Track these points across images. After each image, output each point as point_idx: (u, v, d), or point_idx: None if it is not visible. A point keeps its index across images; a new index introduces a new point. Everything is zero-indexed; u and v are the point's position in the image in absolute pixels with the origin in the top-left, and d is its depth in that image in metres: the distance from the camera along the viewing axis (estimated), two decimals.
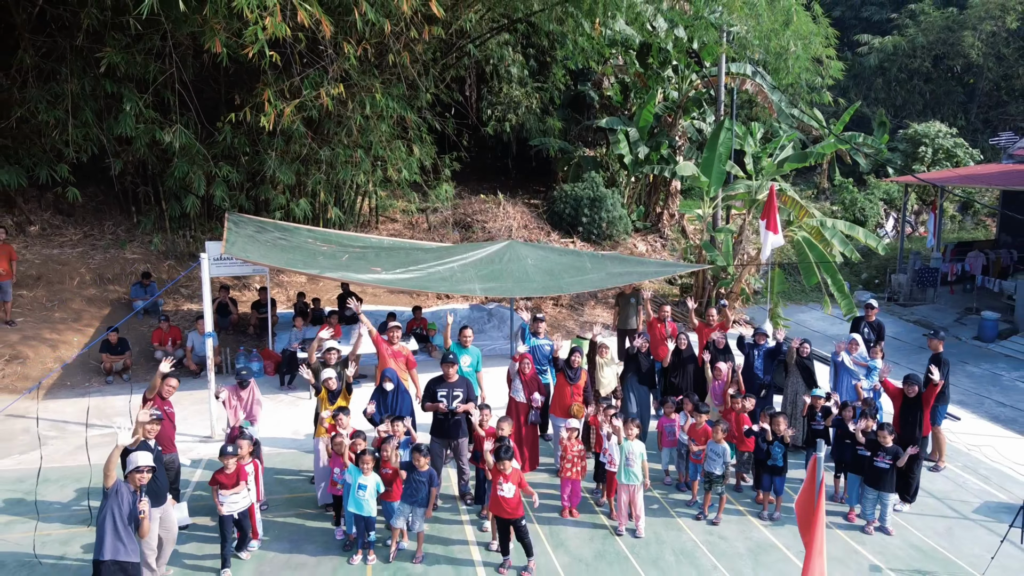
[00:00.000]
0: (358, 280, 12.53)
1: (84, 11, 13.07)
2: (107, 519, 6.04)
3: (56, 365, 13.63)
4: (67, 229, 17.50)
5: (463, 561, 7.83)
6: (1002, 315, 20.29)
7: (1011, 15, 30.24)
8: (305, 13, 10.21)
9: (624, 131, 23.73)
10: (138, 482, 6.27)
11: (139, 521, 6.14)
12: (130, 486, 6.24)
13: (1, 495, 9.13)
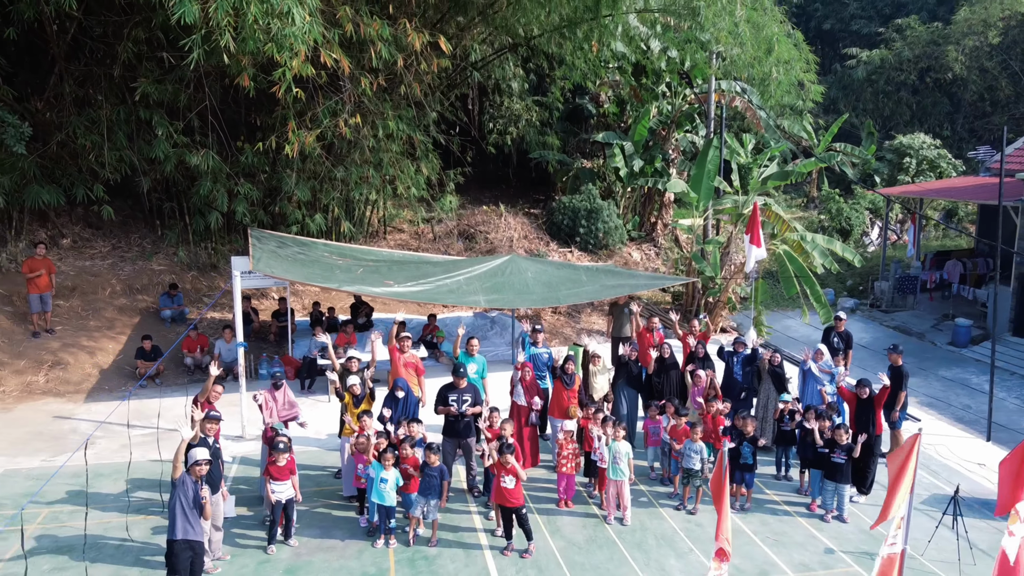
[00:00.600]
0: (373, 293, 13.70)
1: (122, 45, 14.20)
2: (176, 505, 7.20)
3: (94, 371, 14.82)
4: (96, 242, 18.65)
5: (472, 545, 9.00)
6: (975, 322, 21.48)
7: (992, 31, 31.41)
8: (328, 56, 11.36)
9: (620, 145, 24.88)
10: (198, 473, 7.42)
11: (202, 506, 7.30)
12: (192, 477, 7.39)
13: (63, 488, 10.29)
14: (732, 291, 19.55)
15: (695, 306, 19.34)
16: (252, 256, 13.47)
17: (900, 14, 36.93)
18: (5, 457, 11.36)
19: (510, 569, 8.49)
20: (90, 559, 8.50)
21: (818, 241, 18.08)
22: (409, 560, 8.65)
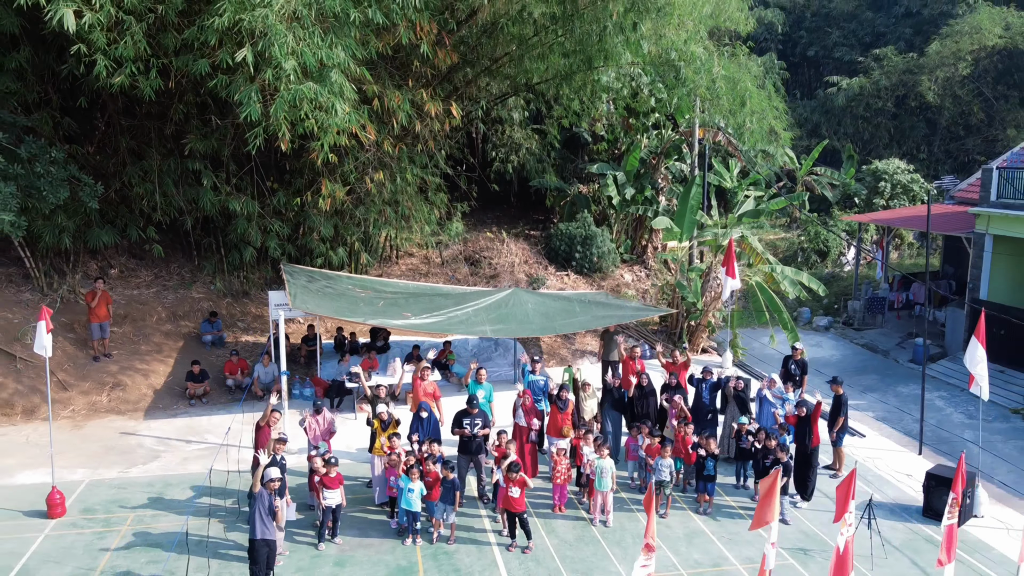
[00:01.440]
0: (393, 325, 15.76)
1: (174, 107, 16.25)
2: (256, 512, 9.24)
3: (149, 391, 16.89)
4: (141, 272, 20.71)
5: (483, 543, 11.06)
6: (935, 341, 23.53)
7: (963, 63, 33.46)
8: (359, 129, 13.38)
9: (613, 175, 26.97)
10: (272, 488, 9.47)
11: (275, 513, 9.36)
12: (267, 491, 9.44)
13: (143, 495, 12.35)
14: (712, 315, 21.59)
15: (679, 328, 21.42)
16: (289, 292, 15.55)
17: (879, 43, 38.98)
18: (87, 469, 13.42)
19: (514, 562, 10.56)
20: (176, 553, 10.57)
21: (787, 273, 20.14)
22: (432, 555, 10.71)
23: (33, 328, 17.06)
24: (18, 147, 13.71)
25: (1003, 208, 20.64)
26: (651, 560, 7.03)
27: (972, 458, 16.01)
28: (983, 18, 33.30)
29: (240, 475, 12.49)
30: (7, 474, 13.07)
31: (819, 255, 30.49)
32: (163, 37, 11.97)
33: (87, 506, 12.01)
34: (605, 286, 25.71)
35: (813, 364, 22.74)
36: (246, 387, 17.02)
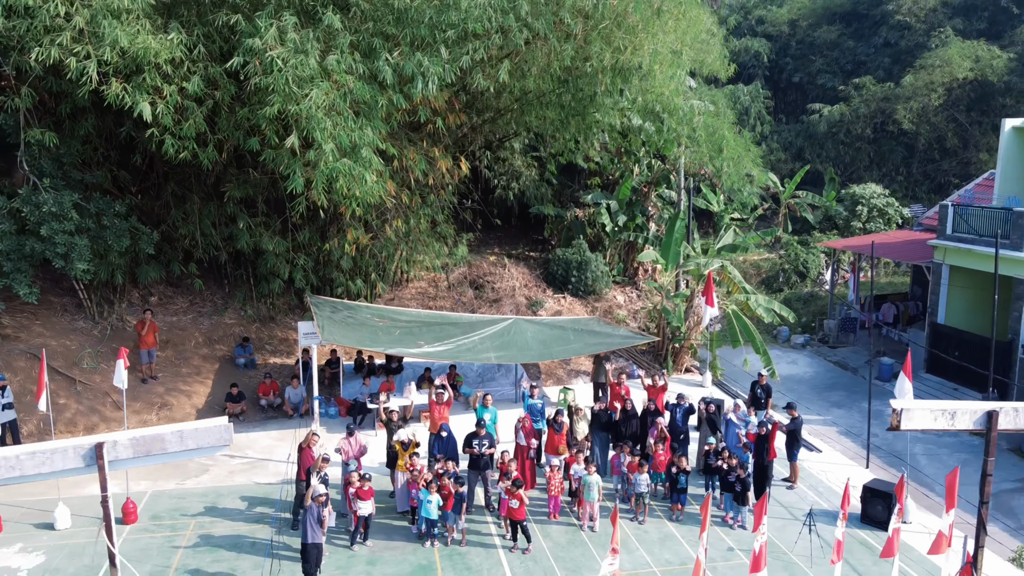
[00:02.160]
0: (409, 353, 17.88)
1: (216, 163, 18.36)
2: (308, 521, 11.35)
3: (192, 410, 19.02)
4: (177, 299, 22.83)
5: (490, 545, 13.18)
6: (899, 359, 25.63)
7: (935, 94, 35.59)
8: (384, 191, 15.49)
9: (606, 204, 29.12)
10: (319, 501, 11.59)
11: (322, 521, 11.48)
12: (316, 504, 11.56)
13: (199, 504, 14.48)
14: (694, 338, 23.70)
15: (665, 350, 23.55)
16: (318, 324, 17.67)
17: (860, 71, 41.10)
18: (148, 481, 15.54)
19: (515, 562, 12.68)
20: (236, 553, 12.69)
21: (760, 301, 22.27)
22: (448, 555, 12.84)
23: (88, 353, 19.30)
24: (88, 203, 15.82)
25: (957, 242, 22.79)
26: (616, 560, 9.11)
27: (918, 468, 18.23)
28: (953, 52, 35.43)
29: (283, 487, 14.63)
30: (80, 487, 15.17)
31: (799, 276, 32.63)
32: (219, 118, 14.04)
33: (154, 513, 14.15)
34: (599, 307, 27.84)
35: (789, 381, 25.01)
36: (277, 405, 19.19)
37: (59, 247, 14.90)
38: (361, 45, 13.58)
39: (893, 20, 40.04)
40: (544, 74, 15.31)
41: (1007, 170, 23.53)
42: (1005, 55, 35.91)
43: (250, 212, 19.62)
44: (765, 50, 42.32)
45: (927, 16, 39.27)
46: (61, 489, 14.33)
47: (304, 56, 12.88)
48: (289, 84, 12.67)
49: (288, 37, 12.75)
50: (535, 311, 25.67)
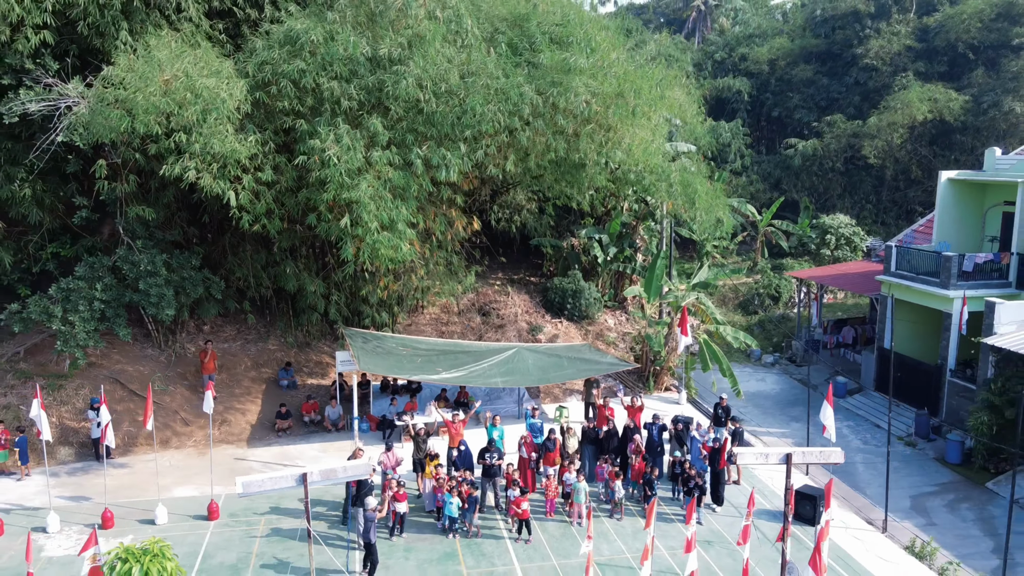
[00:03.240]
0: (429, 380, 21.36)
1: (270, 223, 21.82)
2: (368, 525, 14.83)
3: (247, 426, 22.51)
4: (226, 328, 26.31)
5: (499, 537, 16.65)
6: (852, 377, 29.15)
7: (896, 133, 39.07)
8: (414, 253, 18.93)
9: (599, 238, 32.64)
10: (372, 509, 15.04)
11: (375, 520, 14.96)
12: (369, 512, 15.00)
13: (266, 504, 17.93)
14: (672, 360, 27.16)
15: (648, 371, 27.03)
16: (354, 355, 21.15)
17: (833, 107, 44.53)
18: (220, 486, 18.98)
19: (519, 549, 16.13)
20: (302, 542, 16.14)
21: (728, 330, 25.74)
22: (467, 545, 16.32)
23: (159, 377, 22.80)
24: (171, 259, 19.31)
25: (900, 278, 26.25)
26: (590, 545, 12.51)
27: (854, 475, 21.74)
28: (913, 96, 38.86)
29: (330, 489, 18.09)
30: (167, 490, 18.65)
31: (772, 299, 36.10)
32: (283, 198, 17.47)
33: (231, 512, 17.63)
34: (592, 330, 31.33)
35: (757, 396, 28.54)
36: (317, 421, 22.70)
37: (152, 298, 18.41)
38: (396, 140, 17.07)
39: (862, 62, 43.51)
40: (542, 159, 18.79)
41: (943, 216, 27.01)
42: (961, 98, 39.37)
43: (293, 257, 23.08)
44: (746, 88, 45.79)
45: (892, 59, 42.73)
46: (160, 492, 17.83)
47: (353, 152, 16.38)
48: (342, 175, 16.16)
49: (340, 138, 16.25)
50: (535, 335, 29.15)
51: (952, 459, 22.56)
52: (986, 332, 22.46)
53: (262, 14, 20.24)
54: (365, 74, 16.79)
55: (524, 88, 17.39)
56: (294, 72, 16.44)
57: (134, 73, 14.45)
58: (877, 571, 15.55)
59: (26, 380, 21.49)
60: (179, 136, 14.85)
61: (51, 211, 19.48)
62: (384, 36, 17.05)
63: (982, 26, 40.40)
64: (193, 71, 14.76)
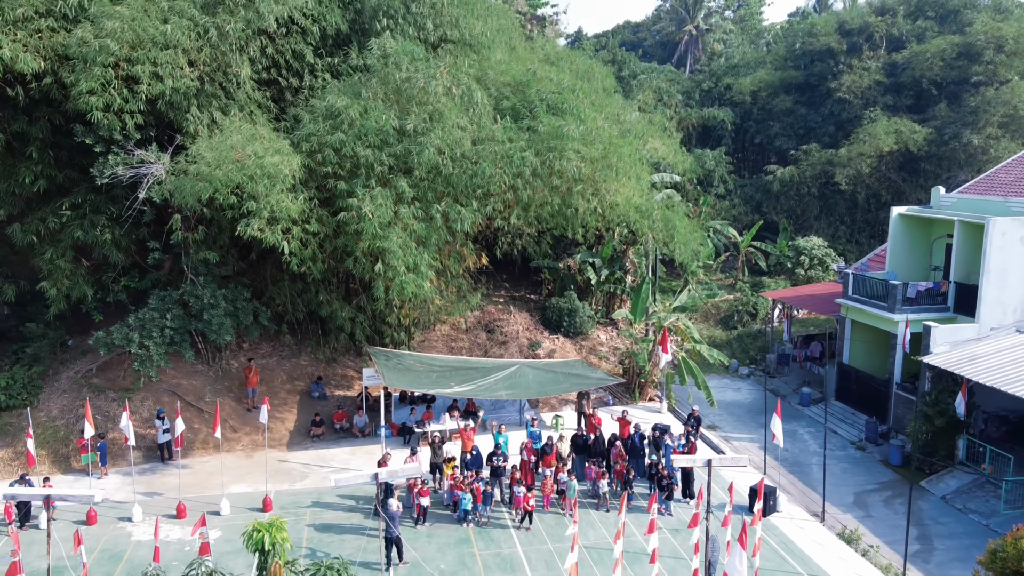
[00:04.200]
0: (443, 393, 24.78)
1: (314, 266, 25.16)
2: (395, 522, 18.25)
3: (286, 432, 25.94)
4: (263, 346, 29.71)
5: (504, 526, 20.06)
6: (817, 388, 32.57)
7: (864, 163, 42.54)
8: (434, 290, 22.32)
9: (592, 262, 36.08)
10: (399, 509, 18.44)
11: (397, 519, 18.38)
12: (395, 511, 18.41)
13: (309, 499, 21.33)
14: (655, 375, 30.59)
15: (634, 384, 30.46)
16: (379, 372, 24.58)
17: (810, 135, 47.98)
18: (271, 484, 22.42)
19: (521, 535, 19.54)
20: (342, 529, 19.56)
21: (705, 348, 29.18)
22: (478, 532, 19.74)
23: (209, 390, 26.23)
24: (228, 292, 22.77)
25: (855, 302, 29.65)
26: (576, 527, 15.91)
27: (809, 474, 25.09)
28: (880, 129, 42.26)
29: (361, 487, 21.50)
30: (226, 487, 22.06)
31: (750, 315, 39.53)
32: (325, 244, 20.88)
33: (281, 505, 21.05)
34: (585, 345, 34.74)
35: (732, 405, 31.93)
36: (346, 428, 26.12)
37: (214, 326, 21.85)
38: (419, 197, 20.53)
39: (836, 95, 46.94)
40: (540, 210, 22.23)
41: (895, 247, 30.43)
42: (924, 130, 42.77)
43: (325, 287, 26.50)
44: (729, 118, 49.21)
45: (863, 93, 46.14)
46: (221, 488, 21.27)
47: (384, 208, 19.82)
48: (375, 228, 19.60)
49: (374, 197, 19.69)
50: (535, 350, 32.58)
51: (894, 461, 25.96)
52: (924, 351, 25.85)
53: (302, 82, 23.70)
54: (394, 143, 20.26)
55: (525, 152, 20.84)
56: (336, 142, 19.91)
57: (213, 152, 17.87)
58: (811, 553, 18.99)
59: (99, 393, 24.98)
60: (250, 204, 18.27)
61: (126, 251, 22.91)
62: (409, 110, 20.51)
63: (944, 64, 43.84)
64: (260, 150, 18.18)
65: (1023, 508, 22.08)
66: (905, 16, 48.49)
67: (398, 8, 23.87)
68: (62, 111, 20.82)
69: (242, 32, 19.96)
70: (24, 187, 21.53)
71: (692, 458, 18.15)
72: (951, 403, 24.10)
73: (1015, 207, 26.60)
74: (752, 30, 78.92)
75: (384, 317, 26.10)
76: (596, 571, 17.91)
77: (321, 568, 10.18)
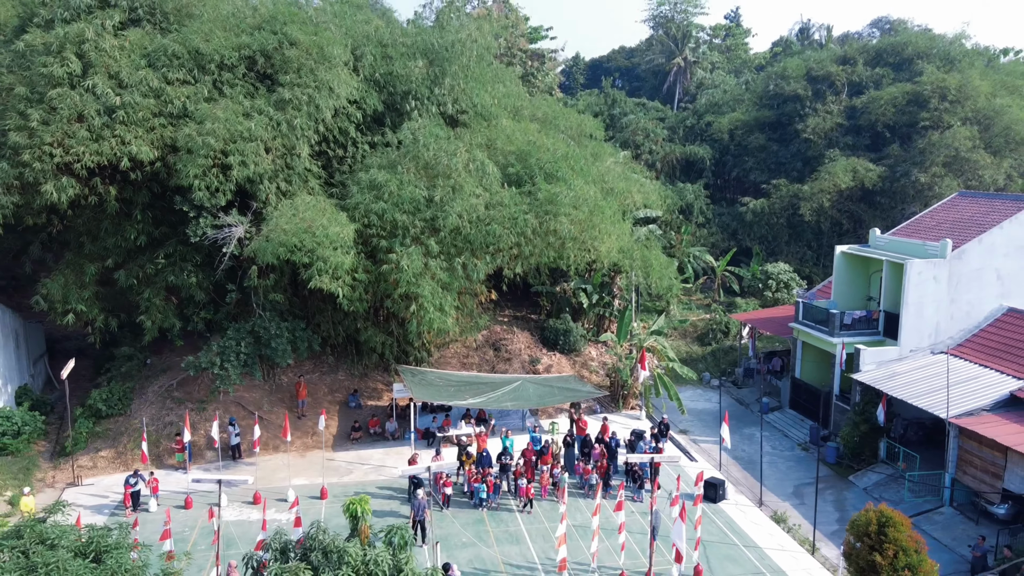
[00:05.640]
0: (459, 404, 30.14)
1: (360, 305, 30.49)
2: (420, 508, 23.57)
3: (330, 436, 31.28)
4: (306, 363, 35.03)
5: (511, 510, 25.34)
6: (775, 398, 37.89)
7: (825, 197, 47.97)
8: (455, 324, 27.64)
9: (584, 288, 41.47)
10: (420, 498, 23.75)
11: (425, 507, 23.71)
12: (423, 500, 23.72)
13: (355, 489, 26.66)
14: (636, 387, 35.92)
15: (618, 395, 35.82)
16: (408, 387, 29.96)
17: (780, 170, 53.32)
18: (321, 478, 27.74)
19: (524, 517, 24.81)
20: (379, 517, 24.86)
21: (678, 365, 34.54)
22: (491, 515, 25.05)
23: (267, 401, 31.59)
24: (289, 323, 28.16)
25: (804, 326, 34.99)
26: (565, 507, 21.22)
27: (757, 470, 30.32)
28: (838, 169, 47.63)
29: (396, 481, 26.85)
30: (287, 480, 27.39)
31: (723, 333, 44.88)
32: (370, 288, 26.24)
33: (334, 494, 26.35)
34: (578, 360, 40.05)
35: (703, 413, 37.20)
36: (380, 433, 31.48)
37: (279, 352, 27.23)
38: (444, 252, 25.90)
39: (802, 136, 52.36)
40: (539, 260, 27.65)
41: (838, 279, 35.75)
42: (878, 169, 48.11)
43: (363, 317, 31.84)
44: (708, 155, 54.69)
45: (826, 134, 51.52)
46: (286, 481, 26.62)
47: (417, 261, 25.19)
48: (410, 277, 24.97)
49: (410, 255, 25.05)
50: (535, 365, 37.92)
51: (830, 459, 31.26)
52: (855, 369, 31.20)
53: (346, 152, 29.10)
54: (424, 210, 25.63)
55: (527, 215, 26.21)
56: (378, 210, 25.28)
57: (290, 223, 23.24)
58: (748, 530, 24.32)
59: (179, 404, 30.35)
60: (319, 264, 23.63)
61: (205, 291, 28.29)
62: (436, 183, 25.90)
63: (896, 110, 49.21)
64: (325, 222, 23.53)
65: (925, 496, 27.42)
66: (865, 63, 53.87)
67: (423, 92, 29.26)
68: (162, 183, 26.20)
69: (305, 123, 25.36)
70: (128, 241, 26.91)
71: (641, 456, 23.43)
72: (874, 412, 29.47)
73: (931, 250, 31.92)
74: (737, 59, 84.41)
75: (411, 340, 31.45)
76: (579, 541, 23.26)
77: (393, 528, 15.46)
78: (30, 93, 23.63)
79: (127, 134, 23.44)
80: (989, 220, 32.45)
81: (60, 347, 37.32)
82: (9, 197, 23.33)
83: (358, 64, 28.34)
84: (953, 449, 26.65)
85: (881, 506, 17.86)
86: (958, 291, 31.32)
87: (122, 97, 23.57)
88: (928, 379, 29.14)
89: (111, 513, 24.65)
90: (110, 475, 27.58)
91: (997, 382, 27.48)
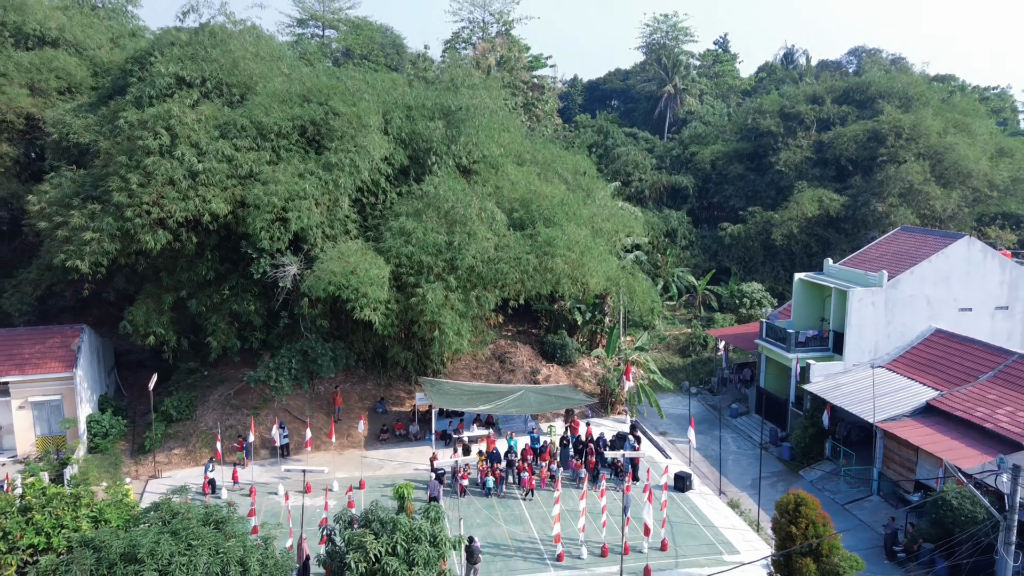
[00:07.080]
0: (472, 410, 35.62)
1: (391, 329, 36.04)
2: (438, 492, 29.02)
3: (361, 437, 36.77)
4: (339, 375, 40.54)
5: (515, 499, 30.73)
6: (743, 405, 43.34)
7: (794, 224, 53.43)
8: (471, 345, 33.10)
9: (579, 307, 46.98)
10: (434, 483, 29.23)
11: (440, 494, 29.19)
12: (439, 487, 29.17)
13: (388, 480, 32.15)
14: (621, 395, 41.36)
15: (607, 402, 41.30)
16: (428, 395, 35.46)
17: (757, 197, 58.73)
18: (359, 472, 33.17)
19: (526, 504, 30.23)
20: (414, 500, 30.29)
21: (659, 376, 40.03)
22: (499, 502, 30.45)
23: (308, 407, 37.10)
24: (332, 344, 33.69)
25: (766, 342, 40.44)
26: (559, 492, 26.59)
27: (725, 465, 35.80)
28: (805, 199, 53.11)
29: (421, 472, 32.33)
30: (330, 474, 32.82)
31: (702, 346, 50.37)
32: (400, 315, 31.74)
33: (371, 485, 31.85)
34: (573, 371, 45.53)
35: (680, 418, 42.61)
36: (404, 435, 36.98)
37: (324, 367, 32.70)
38: (460, 286, 31.38)
39: (775, 168, 57.88)
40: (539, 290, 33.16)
41: (797, 302, 41.16)
42: (841, 198, 53.56)
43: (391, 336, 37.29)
44: (691, 184, 60.25)
45: (796, 166, 57.00)
46: (333, 474, 32.13)
47: (439, 294, 30.68)
48: (434, 307, 30.44)
49: (434, 290, 30.54)
50: (535, 375, 43.39)
51: (785, 457, 36.72)
52: (807, 381, 36.65)
53: (377, 199, 34.64)
54: (444, 252, 31.10)
55: (529, 255, 31.73)
56: (408, 252, 30.77)
57: (339, 265, 28.72)
58: (708, 513, 29.76)
59: (236, 410, 35.85)
60: (361, 300, 29.09)
61: (261, 316, 33.79)
62: (454, 230, 31.42)
63: (858, 145, 54.68)
64: (367, 265, 29.00)
65: (859, 487, 32.88)
66: (833, 101, 59.36)
67: (443, 148, 34.75)
68: (230, 230, 31.73)
69: (347, 181, 30.90)
70: (199, 276, 32.43)
71: (615, 452, 28.93)
72: (820, 417, 34.95)
73: (871, 279, 37.34)
74: (724, 85, 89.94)
75: (431, 357, 36.96)
76: (571, 521, 28.74)
77: (430, 506, 20.94)
78: (128, 160, 29.15)
79: (207, 193, 28.93)
80: (921, 254, 37.92)
81: (123, 359, 42.85)
82: (112, 245, 28.83)
83: (388, 126, 33.87)
84: (879, 448, 32.09)
85: (798, 491, 23.32)
86: (893, 314, 36.75)
87: (203, 163, 29.07)
88: (864, 389, 34.52)
89: (191, 498, 30.11)
90: (183, 469, 33.06)
91: (918, 392, 32.91)
